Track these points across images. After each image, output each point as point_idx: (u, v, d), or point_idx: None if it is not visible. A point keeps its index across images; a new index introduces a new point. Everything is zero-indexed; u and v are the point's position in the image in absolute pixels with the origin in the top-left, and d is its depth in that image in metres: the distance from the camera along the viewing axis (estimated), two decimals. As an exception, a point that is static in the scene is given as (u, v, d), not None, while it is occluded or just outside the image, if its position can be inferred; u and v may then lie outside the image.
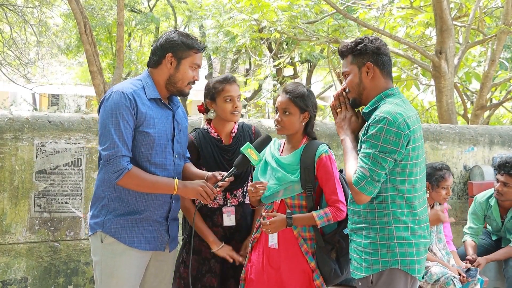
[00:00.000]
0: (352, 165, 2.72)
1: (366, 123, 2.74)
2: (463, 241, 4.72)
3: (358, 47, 2.77)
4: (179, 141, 3.01)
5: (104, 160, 2.78)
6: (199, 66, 2.96)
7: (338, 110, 2.93)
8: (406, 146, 2.63)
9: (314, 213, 3.02)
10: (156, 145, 2.86)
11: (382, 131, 2.59)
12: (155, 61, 2.93)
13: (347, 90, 2.87)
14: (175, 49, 2.88)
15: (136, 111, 2.80)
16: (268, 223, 3.01)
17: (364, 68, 2.77)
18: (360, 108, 2.91)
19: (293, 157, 3.10)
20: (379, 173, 2.61)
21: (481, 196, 4.75)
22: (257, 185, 3.03)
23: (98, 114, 2.88)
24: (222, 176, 2.95)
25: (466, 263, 4.34)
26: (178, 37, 2.90)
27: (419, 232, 2.72)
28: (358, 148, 2.78)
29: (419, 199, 2.73)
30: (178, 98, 3.12)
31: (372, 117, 2.66)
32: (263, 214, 3.10)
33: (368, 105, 2.78)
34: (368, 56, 2.76)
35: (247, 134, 3.40)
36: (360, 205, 2.73)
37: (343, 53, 2.85)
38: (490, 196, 4.66)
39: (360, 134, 2.79)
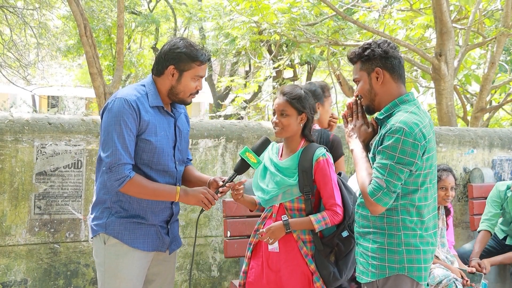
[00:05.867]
0: (364, 175, 2.69)
1: (381, 132, 2.70)
2: (478, 231, 4.66)
3: (366, 53, 2.73)
4: (180, 148, 3.01)
5: (106, 167, 2.78)
6: (202, 77, 2.94)
7: (349, 119, 2.91)
8: (421, 157, 2.61)
9: (311, 217, 3.02)
10: (158, 152, 2.87)
11: (399, 142, 2.56)
12: (158, 70, 2.92)
13: (359, 97, 2.85)
14: (177, 61, 2.86)
15: (139, 118, 2.80)
16: (265, 231, 3.02)
17: (374, 73, 2.73)
18: (371, 117, 2.89)
19: (291, 161, 3.10)
20: (395, 184, 2.59)
21: (501, 184, 4.71)
22: (236, 186, 3.02)
23: (101, 119, 2.88)
24: (223, 182, 2.96)
25: (470, 266, 4.31)
26: (182, 48, 2.86)
27: (427, 239, 2.71)
28: (371, 156, 2.76)
29: (428, 207, 2.72)
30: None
31: (388, 126, 2.62)
32: (259, 231, 3.09)
33: (382, 111, 2.74)
34: (376, 61, 2.72)
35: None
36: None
37: (352, 60, 2.82)
38: (508, 188, 4.63)
39: (373, 143, 2.76)
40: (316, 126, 3.74)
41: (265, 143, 3.09)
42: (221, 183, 2.96)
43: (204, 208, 2.91)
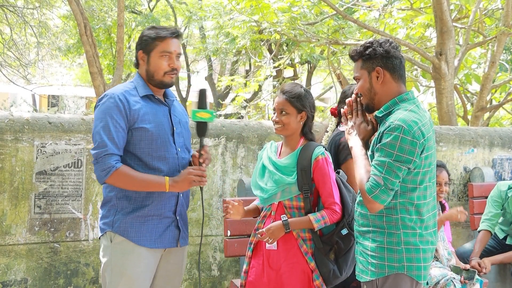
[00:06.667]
0: (363, 172, 2.69)
1: (380, 129, 2.70)
2: (479, 231, 4.66)
3: (367, 52, 2.73)
4: (181, 134, 3.00)
5: (93, 159, 2.83)
6: (171, 53, 2.93)
7: (349, 116, 2.91)
8: (420, 155, 2.61)
9: (311, 216, 3.03)
10: (156, 139, 2.88)
11: (397, 140, 2.56)
12: (135, 64, 3.03)
13: (359, 95, 2.85)
14: (143, 45, 2.95)
15: (129, 110, 2.84)
16: (264, 230, 3.02)
17: (374, 73, 2.73)
18: (371, 115, 2.89)
19: (290, 159, 3.11)
20: (393, 182, 2.59)
21: (502, 184, 4.71)
22: (229, 205, 3.09)
23: None
24: (199, 152, 2.93)
25: (471, 266, 4.30)
26: (145, 32, 2.96)
27: (427, 238, 2.71)
28: (370, 153, 2.76)
29: (427, 206, 2.72)
30: (172, 92, 3.13)
31: (387, 124, 2.62)
32: (258, 231, 3.10)
33: (381, 109, 2.74)
34: (377, 60, 2.72)
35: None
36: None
37: (353, 57, 2.81)
38: (510, 188, 4.63)
39: (372, 140, 2.76)
40: None
41: (202, 94, 3.00)
42: (197, 154, 2.93)
43: (200, 184, 2.89)
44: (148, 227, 2.90)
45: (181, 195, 2.99)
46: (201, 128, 2.94)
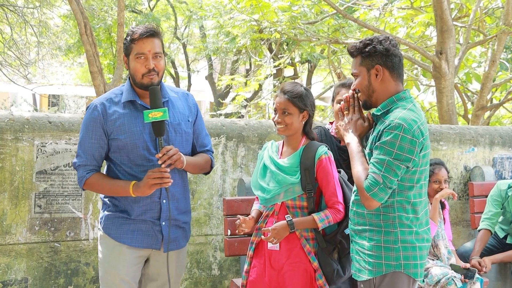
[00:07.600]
0: (360, 170, 2.69)
1: (378, 127, 2.69)
2: (479, 230, 4.66)
3: (367, 49, 2.71)
4: (166, 139, 2.92)
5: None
6: (145, 54, 2.86)
7: (346, 112, 2.90)
8: (419, 153, 2.62)
9: (315, 215, 3.02)
10: (131, 149, 2.90)
11: (397, 138, 2.57)
12: (126, 67, 3.05)
13: (357, 91, 2.84)
14: (124, 49, 2.98)
15: (105, 122, 2.91)
16: (269, 229, 3.01)
17: (373, 70, 2.72)
18: (369, 112, 2.88)
19: (293, 159, 3.10)
20: (392, 180, 2.59)
21: (502, 183, 4.71)
22: (242, 224, 3.10)
23: None
24: (158, 154, 2.84)
25: (471, 265, 4.29)
26: (126, 35, 2.97)
27: (423, 236, 2.72)
28: (367, 151, 2.76)
29: (421, 204, 2.73)
30: (168, 90, 3.07)
31: (387, 122, 2.62)
32: (262, 229, 3.09)
33: (379, 107, 2.74)
34: (377, 58, 2.71)
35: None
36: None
37: (352, 54, 2.80)
38: (510, 187, 4.63)
39: (370, 138, 2.76)
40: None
41: (153, 93, 2.87)
42: (157, 156, 2.82)
43: (162, 186, 2.83)
44: (130, 226, 2.96)
45: (164, 201, 2.95)
46: (157, 128, 2.83)
